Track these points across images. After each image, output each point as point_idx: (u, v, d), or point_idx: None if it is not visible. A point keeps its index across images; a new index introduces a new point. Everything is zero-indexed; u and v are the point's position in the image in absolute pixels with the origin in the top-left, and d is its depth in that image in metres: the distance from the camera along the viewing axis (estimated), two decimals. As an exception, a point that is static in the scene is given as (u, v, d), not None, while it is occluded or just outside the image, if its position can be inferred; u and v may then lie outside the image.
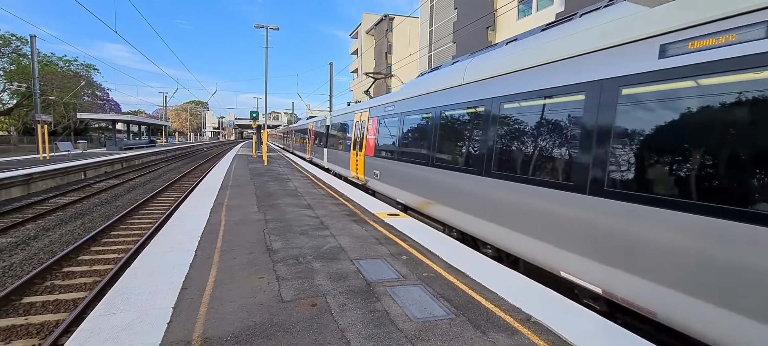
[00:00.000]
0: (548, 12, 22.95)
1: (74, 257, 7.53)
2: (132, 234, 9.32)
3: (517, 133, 5.35)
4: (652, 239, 3.35)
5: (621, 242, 3.62)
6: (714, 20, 3.09)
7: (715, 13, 3.08)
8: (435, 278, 4.65)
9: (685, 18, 3.31)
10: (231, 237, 6.26)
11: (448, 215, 6.98)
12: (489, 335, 3.33)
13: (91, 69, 51.00)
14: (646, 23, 3.66)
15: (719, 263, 2.90)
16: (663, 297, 3.27)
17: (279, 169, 18.85)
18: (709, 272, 2.95)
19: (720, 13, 3.05)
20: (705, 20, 3.15)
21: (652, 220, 3.35)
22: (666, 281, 3.24)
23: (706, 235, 2.97)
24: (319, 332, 3.29)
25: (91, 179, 19.25)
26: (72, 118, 45.56)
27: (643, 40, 3.66)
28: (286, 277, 4.56)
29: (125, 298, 3.84)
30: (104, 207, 12.58)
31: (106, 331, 3.20)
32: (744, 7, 2.89)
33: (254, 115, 26.97)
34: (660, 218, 3.29)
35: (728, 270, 2.84)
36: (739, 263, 2.78)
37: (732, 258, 2.83)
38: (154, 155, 33.93)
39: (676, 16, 3.38)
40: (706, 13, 3.15)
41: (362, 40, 64.68)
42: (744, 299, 2.76)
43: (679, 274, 3.15)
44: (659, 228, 3.29)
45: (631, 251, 3.51)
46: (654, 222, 3.34)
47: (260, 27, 24.46)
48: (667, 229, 3.23)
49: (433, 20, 38.56)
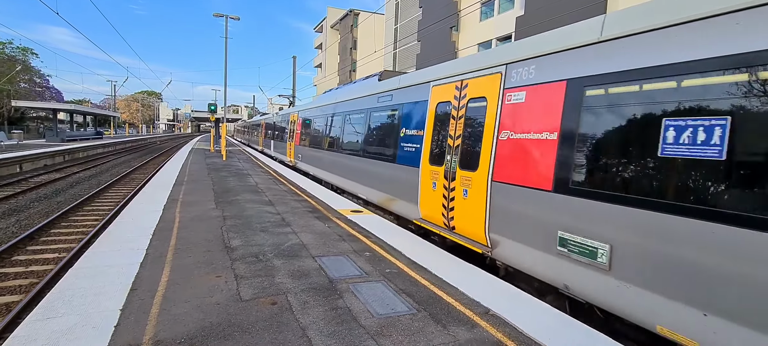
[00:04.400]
0: (509, 15, 23.73)
1: (7, 258, 6.89)
2: (75, 232, 8.67)
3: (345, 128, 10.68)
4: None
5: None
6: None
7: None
8: (397, 274, 4.68)
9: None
10: (186, 234, 5.98)
11: (325, 176, 12.59)
12: (449, 329, 3.41)
13: (28, 53, 46.99)
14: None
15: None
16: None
17: (238, 165, 18.22)
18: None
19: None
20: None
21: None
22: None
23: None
24: (279, 332, 3.22)
25: (28, 173, 17.67)
26: (6, 106, 41.64)
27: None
28: (245, 275, 4.42)
29: (67, 300, 3.56)
30: (43, 203, 11.61)
31: (44, 336, 2.95)
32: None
33: (212, 108, 25.92)
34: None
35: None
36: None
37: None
38: (100, 148, 31.74)
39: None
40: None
41: (327, 35, 63.84)
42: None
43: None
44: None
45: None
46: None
47: (220, 16, 23.51)
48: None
49: (399, 18, 38.75)
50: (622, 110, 3.52)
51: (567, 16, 15.21)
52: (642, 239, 3.25)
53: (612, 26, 3.74)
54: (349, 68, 53.84)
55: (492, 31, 25.64)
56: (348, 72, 54.15)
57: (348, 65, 54.51)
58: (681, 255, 2.99)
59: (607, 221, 3.50)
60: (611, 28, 3.74)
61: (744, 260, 2.65)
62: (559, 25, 4.95)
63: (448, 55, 26.48)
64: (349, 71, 53.75)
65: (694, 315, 2.92)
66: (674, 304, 3.05)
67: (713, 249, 2.80)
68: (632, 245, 3.32)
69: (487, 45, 25.71)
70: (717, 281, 2.79)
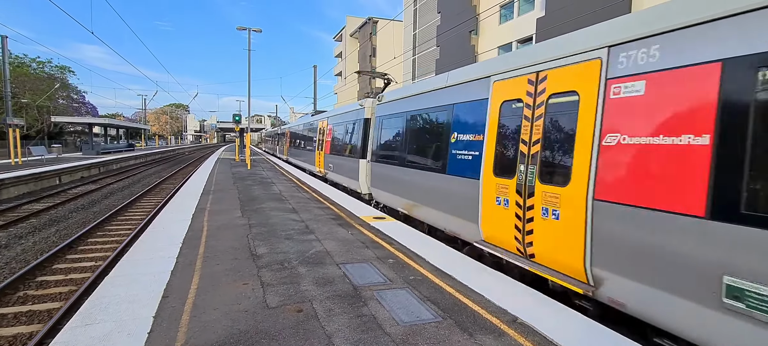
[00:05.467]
0: (529, 16, 23.38)
1: (49, 266, 7.24)
2: (110, 241, 9.03)
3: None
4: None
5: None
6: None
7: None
8: (421, 281, 4.65)
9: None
10: (214, 243, 6.13)
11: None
12: (476, 337, 3.35)
13: (66, 71, 49.43)
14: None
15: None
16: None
17: (263, 173, 18.60)
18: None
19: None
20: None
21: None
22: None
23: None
24: (305, 339, 3.24)
25: (66, 185, 18.60)
26: (46, 122, 44.01)
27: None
28: (271, 283, 4.49)
29: (103, 307, 3.71)
30: (80, 213, 12.17)
31: (84, 342, 3.08)
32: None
33: (237, 119, 26.57)
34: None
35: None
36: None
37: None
38: (132, 159, 33.05)
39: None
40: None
41: (346, 43, 64.58)
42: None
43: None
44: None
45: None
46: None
47: (243, 29, 24.15)
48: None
49: (417, 24, 38.81)
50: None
51: (590, 16, 14.86)
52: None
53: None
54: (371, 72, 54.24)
55: (512, 34, 25.31)
56: (368, 79, 54.52)
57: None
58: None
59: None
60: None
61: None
62: (583, 25, 4.80)
63: (468, 59, 26.27)
64: (369, 79, 54.09)
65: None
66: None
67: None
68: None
69: (507, 48, 25.38)
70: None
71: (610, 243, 3.70)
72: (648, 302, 3.41)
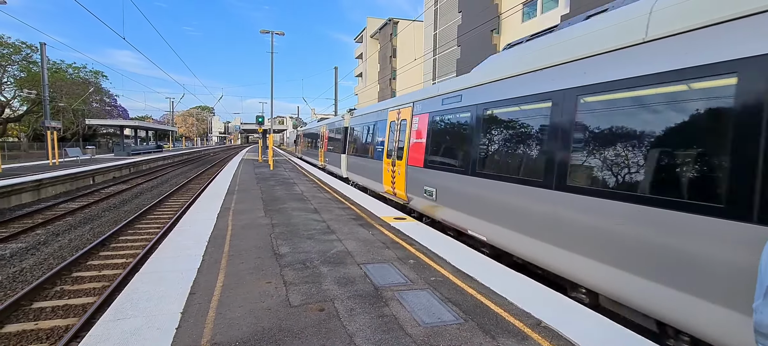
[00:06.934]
0: (553, 14, 22.88)
1: (83, 262, 7.58)
2: (140, 239, 9.37)
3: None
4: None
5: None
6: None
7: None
8: (443, 283, 4.61)
9: None
10: (238, 242, 6.27)
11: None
12: (498, 340, 3.30)
13: (99, 76, 51.63)
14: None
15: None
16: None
17: (285, 174, 18.90)
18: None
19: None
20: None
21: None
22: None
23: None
24: (327, 338, 3.27)
25: (99, 184, 19.43)
26: (81, 125, 46.16)
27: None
28: (293, 282, 4.55)
29: (134, 303, 3.85)
30: (112, 212, 12.68)
31: (116, 336, 3.20)
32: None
33: (260, 120, 27.12)
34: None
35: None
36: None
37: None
38: (161, 160, 34.19)
39: None
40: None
41: (367, 45, 64.88)
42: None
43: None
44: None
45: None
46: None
47: (266, 32, 24.63)
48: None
49: (438, 24, 38.59)
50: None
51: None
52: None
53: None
54: (390, 76, 54.22)
55: (535, 32, 24.84)
56: (388, 80, 54.59)
57: (388, 73, 54.94)
58: None
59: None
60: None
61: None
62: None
63: (490, 58, 25.92)
64: (390, 79, 54.16)
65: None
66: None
67: None
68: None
69: (530, 46, 24.91)
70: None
71: (411, 182, 8.79)
72: (419, 201, 8.41)
